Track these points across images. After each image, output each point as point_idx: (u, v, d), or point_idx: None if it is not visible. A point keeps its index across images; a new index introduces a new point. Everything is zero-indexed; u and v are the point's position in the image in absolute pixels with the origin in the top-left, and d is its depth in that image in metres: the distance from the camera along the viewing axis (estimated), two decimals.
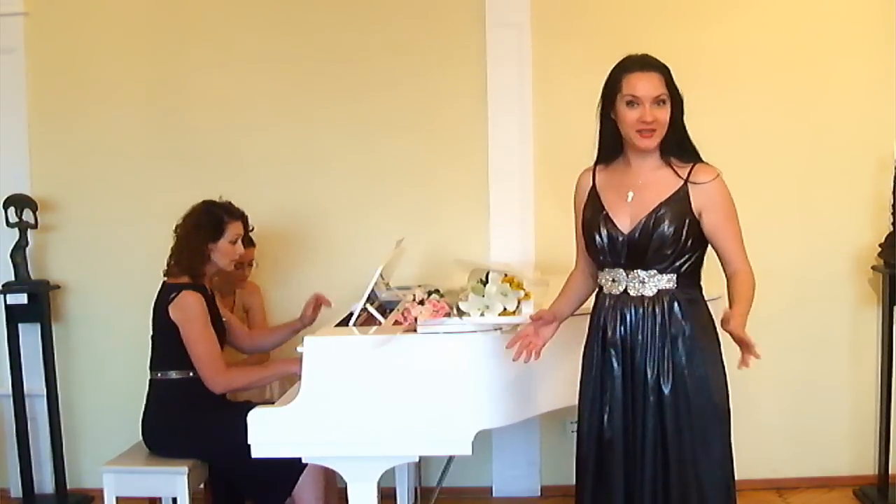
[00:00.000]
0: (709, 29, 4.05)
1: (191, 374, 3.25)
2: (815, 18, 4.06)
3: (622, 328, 2.46)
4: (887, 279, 3.94)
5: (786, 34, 4.06)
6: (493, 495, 4.24)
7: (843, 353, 4.17)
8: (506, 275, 2.65)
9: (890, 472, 3.98)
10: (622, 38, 3.91)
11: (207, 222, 3.34)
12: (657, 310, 2.42)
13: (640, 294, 2.44)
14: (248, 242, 3.76)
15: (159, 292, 3.32)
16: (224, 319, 3.47)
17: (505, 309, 2.60)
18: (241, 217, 3.44)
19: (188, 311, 3.22)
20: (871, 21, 4.05)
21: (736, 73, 4.04)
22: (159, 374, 3.31)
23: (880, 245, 4.01)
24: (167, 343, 3.26)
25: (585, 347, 2.58)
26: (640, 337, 2.43)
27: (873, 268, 4.07)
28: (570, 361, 2.82)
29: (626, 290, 2.46)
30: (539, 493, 4.22)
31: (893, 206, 3.91)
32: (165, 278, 3.34)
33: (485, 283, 2.63)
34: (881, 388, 4.02)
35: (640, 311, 2.43)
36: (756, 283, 2.40)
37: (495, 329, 2.68)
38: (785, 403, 4.19)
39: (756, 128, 4.07)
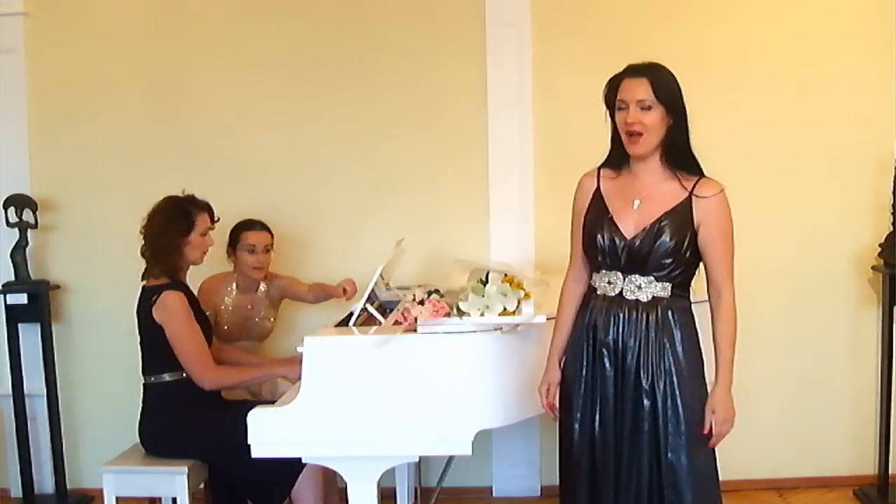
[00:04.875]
0: (709, 30, 4.05)
1: (184, 374, 3.25)
2: (816, 20, 4.06)
3: (614, 330, 2.47)
4: (887, 279, 3.94)
5: (786, 36, 4.06)
6: (493, 495, 4.24)
7: (843, 353, 4.17)
8: (506, 275, 2.65)
9: (890, 472, 3.98)
10: (622, 39, 3.94)
11: (177, 217, 3.31)
12: (651, 316, 2.45)
13: (635, 298, 2.46)
14: (262, 227, 3.74)
15: (140, 297, 3.30)
16: (208, 314, 3.46)
17: (505, 309, 2.60)
18: (207, 208, 3.41)
19: (171, 309, 3.21)
20: (870, 22, 4.05)
21: (736, 75, 4.04)
22: (152, 379, 3.30)
23: (880, 245, 4.01)
24: (156, 346, 3.25)
25: (573, 347, 2.58)
26: (632, 341, 2.45)
27: (873, 268, 4.07)
28: None
29: (621, 293, 2.48)
30: (539, 493, 4.22)
31: (893, 206, 3.91)
32: (144, 282, 3.33)
33: (485, 283, 2.63)
34: (881, 388, 4.02)
35: (634, 315, 2.46)
36: (736, 303, 2.45)
37: (495, 329, 2.68)
38: (785, 403, 4.19)
39: (756, 129, 4.07)
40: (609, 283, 2.50)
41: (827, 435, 4.18)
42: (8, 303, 4.08)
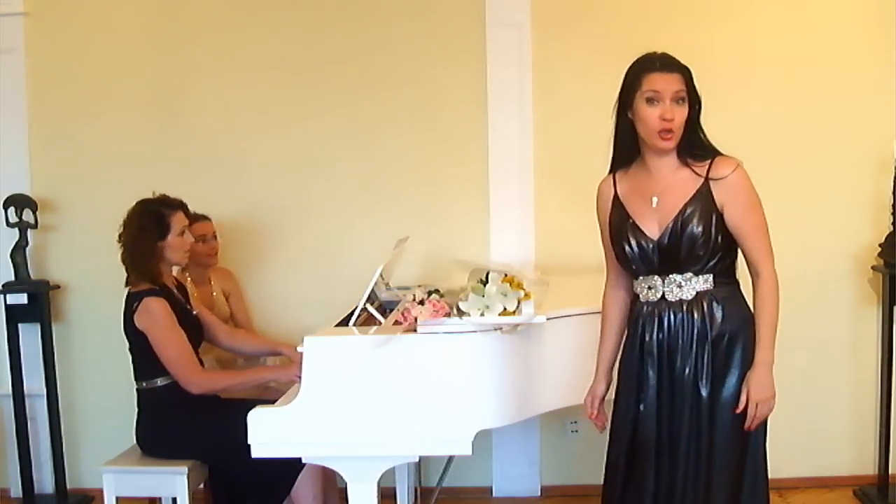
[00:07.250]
0: (709, 30, 4.05)
1: None
2: (815, 19, 4.06)
3: (660, 334, 2.41)
4: (887, 279, 3.94)
5: (785, 35, 4.05)
6: (493, 495, 4.24)
7: (843, 353, 4.17)
8: (506, 275, 2.65)
9: (890, 472, 3.98)
10: (622, 39, 3.94)
11: (150, 222, 3.26)
12: (696, 313, 2.38)
13: (678, 299, 2.40)
14: (202, 218, 3.71)
15: (125, 303, 3.28)
16: (196, 313, 3.42)
17: (505, 309, 2.60)
18: (181, 206, 3.34)
19: (152, 317, 3.18)
20: (870, 22, 4.05)
21: (736, 74, 4.03)
22: (145, 384, 3.29)
23: (880, 245, 4.01)
24: (144, 352, 3.24)
25: (623, 355, 2.53)
26: (679, 341, 2.39)
27: (873, 268, 4.07)
28: (570, 361, 2.83)
29: (663, 297, 2.42)
30: (539, 493, 4.22)
31: (893, 206, 3.91)
32: (128, 288, 3.30)
33: (485, 283, 2.62)
34: (881, 388, 4.02)
35: (680, 315, 2.40)
36: (778, 280, 2.46)
37: (495, 329, 2.67)
38: (785, 403, 4.13)
39: (756, 128, 4.07)
40: (650, 287, 2.44)
41: (827, 435, 4.18)
42: (8, 303, 4.09)
